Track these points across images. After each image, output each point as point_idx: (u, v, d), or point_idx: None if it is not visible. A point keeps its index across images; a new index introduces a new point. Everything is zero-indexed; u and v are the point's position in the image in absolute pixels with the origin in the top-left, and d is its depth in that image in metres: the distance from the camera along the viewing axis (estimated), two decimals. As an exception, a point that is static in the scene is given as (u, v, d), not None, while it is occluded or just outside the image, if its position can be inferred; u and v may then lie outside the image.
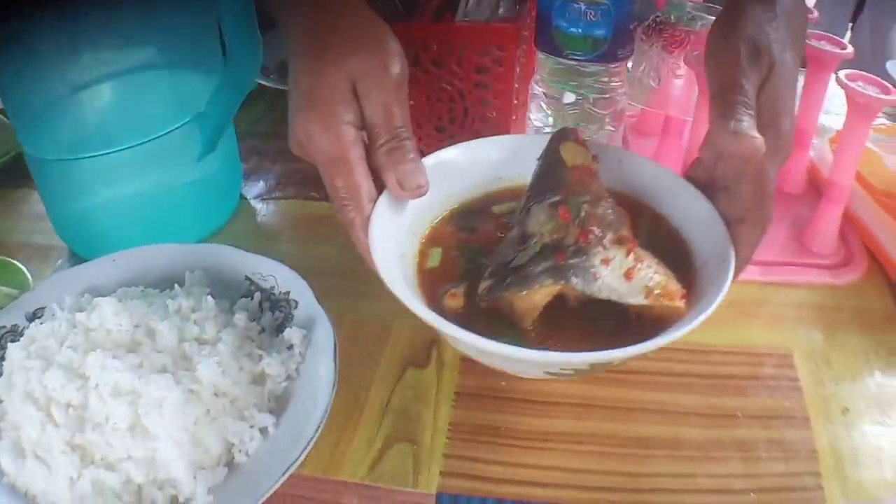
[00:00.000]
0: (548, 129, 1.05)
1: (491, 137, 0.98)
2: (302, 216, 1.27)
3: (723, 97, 0.78)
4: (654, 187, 0.94)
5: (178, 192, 1.13)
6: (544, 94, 1.04)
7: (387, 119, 0.81)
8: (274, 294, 0.99)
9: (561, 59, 1.00)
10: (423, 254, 0.90)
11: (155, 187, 1.11)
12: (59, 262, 1.19)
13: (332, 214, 0.89)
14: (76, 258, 1.17)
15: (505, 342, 0.72)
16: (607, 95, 1.02)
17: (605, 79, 1.01)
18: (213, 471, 0.82)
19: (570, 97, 1.02)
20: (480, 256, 0.89)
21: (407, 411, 0.92)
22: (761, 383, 0.94)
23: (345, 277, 1.01)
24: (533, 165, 0.92)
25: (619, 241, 0.80)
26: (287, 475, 0.79)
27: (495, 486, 0.84)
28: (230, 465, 0.84)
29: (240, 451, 0.83)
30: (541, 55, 1.03)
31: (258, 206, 1.29)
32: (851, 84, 1.00)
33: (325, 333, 0.92)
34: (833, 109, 1.41)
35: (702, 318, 0.72)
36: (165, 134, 1.07)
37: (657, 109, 1.24)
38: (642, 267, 0.78)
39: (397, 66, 0.82)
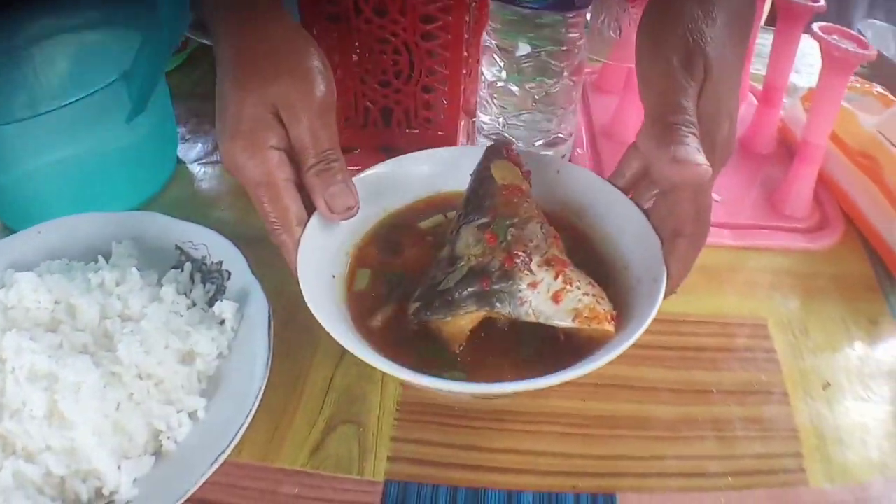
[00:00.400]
0: (500, 84, 0.96)
1: (425, 151, 0.92)
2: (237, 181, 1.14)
3: (660, 118, 0.69)
4: (591, 199, 0.87)
5: (109, 157, 1.02)
6: (497, 46, 0.94)
7: (314, 142, 0.77)
8: (205, 265, 0.89)
9: (515, 8, 0.90)
10: (353, 274, 0.84)
11: (84, 153, 0.99)
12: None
13: None
14: (6, 230, 1.05)
15: (431, 371, 0.70)
16: (565, 48, 0.92)
17: (563, 30, 0.91)
18: (139, 460, 0.73)
19: (525, 49, 0.91)
20: (408, 276, 0.83)
21: (351, 391, 0.83)
22: (735, 355, 0.87)
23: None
24: (466, 178, 0.86)
25: (547, 263, 0.74)
26: (218, 463, 0.70)
27: (447, 471, 0.76)
28: (158, 453, 0.75)
29: (168, 438, 0.74)
30: (493, 4, 0.92)
31: (196, 170, 1.18)
32: (827, 37, 0.91)
33: (259, 307, 0.82)
34: (804, 69, 1.33)
35: (629, 342, 0.68)
36: (91, 95, 0.94)
37: (618, 63, 1.15)
38: (571, 289, 0.73)
39: (322, 87, 0.77)
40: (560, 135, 0.99)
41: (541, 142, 0.99)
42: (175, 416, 0.75)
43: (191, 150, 1.21)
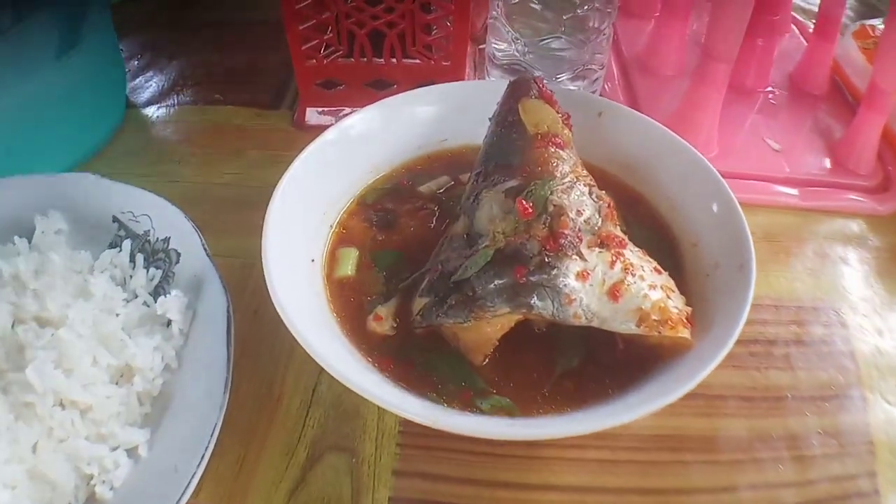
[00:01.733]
0: (516, 0, 0.71)
1: (425, 88, 0.68)
2: (203, 126, 0.88)
3: None
4: (646, 152, 0.64)
5: (38, 105, 0.76)
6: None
7: None
8: (149, 242, 0.64)
9: None
10: (333, 256, 0.61)
11: (8, 101, 0.74)
12: None
13: (241, 123, 0.69)
14: None
15: (447, 391, 0.52)
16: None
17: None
18: None
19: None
20: (407, 258, 0.60)
21: (340, 406, 0.60)
22: (811, 350, 0.65)
23: (256, 205, 0.61)
24: (484, 123, 0.62)
25: (601, 244, 0.54)
26: None
27: (467, 516, 0.55)
28: (90, 503, 0.53)
29: (102, 483, 0.53)
30: None
31: (149, 114, 0.90)
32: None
33: (216, 302, 0.59)
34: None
35: (714, 362, 0.49)
36: (11, 29, 0.69)
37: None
38: (633, 281, 0.52)
39: None
40: (592, 66, 0.75)
41: (566, 75, 0.75)
42: (109, 456, 0.53)
43: (143, 91, 0.94)
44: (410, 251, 0.60)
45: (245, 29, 1.02)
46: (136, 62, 0.98)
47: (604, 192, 0.55)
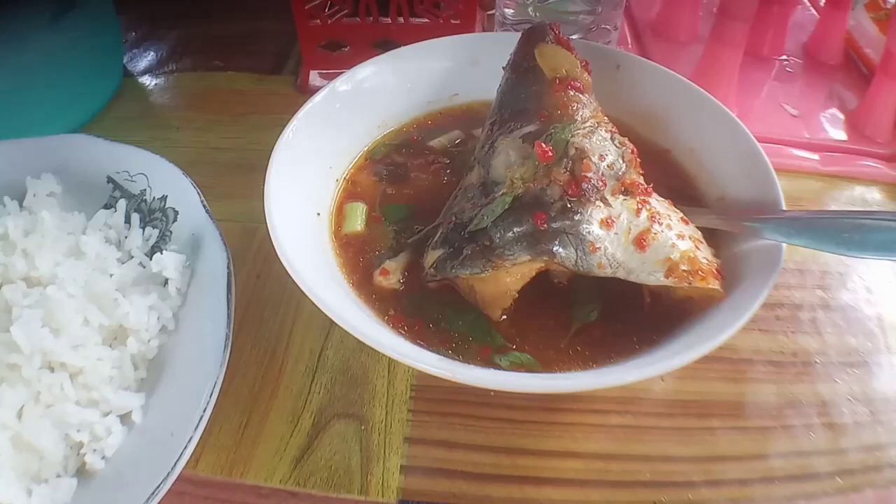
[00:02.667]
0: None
1: (434, 40, 0.62)
2: (203, 92, 0.82)
3: None
4: (667, 104, 0.59)
5: (33, 70, 0.69)
6: None
7: None
8: (145, 201, 0.58)
9: None
10: (340, 211, 0.55)
11: (1, 66, 0.68)
12: None
13: (242, 88, 0.65)
14: None
15: (463, 348, 0.46)
16: None
17: None
18: (56, 485, 0.47)
19: None
20: (418, 212, 0.55)
21: (348, 370, 0.54)
22: (838, 315, 0.59)
23: (259, 171, 0.55)
24: (497, 77, 0.57)
25: (625, 191, 0.48)
26: (165, 486, 0.44)
27: (484, 486, 0.48)
28: (81, 473, 0.48)
29: (93, 451, 0.47)
30: None
31: (147, 82, 0.84)
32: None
33: (215, 259, 0.53)
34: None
35: (748, 315, 0.43)
36: None
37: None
38: (660, 229, 0.47)
39: None
40: (606, 27, 0.69)
41: (577, 37, 0.69)
42: (101, 423, 0.47)
43: (141, 59, 0.87)
44: (421, 205, 0.55)
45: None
46: (135, 33, 0.91)
47: (626, 138, 0.50)
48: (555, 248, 0.45)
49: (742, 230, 0.49)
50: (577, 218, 0.45)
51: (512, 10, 0.70)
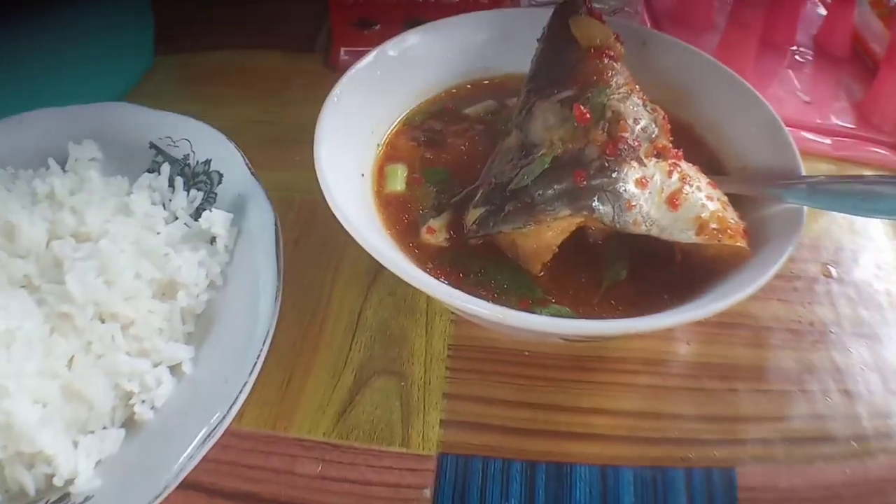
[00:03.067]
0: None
1: (469, 14, 0.63)
2: (235, 69, 0.82)
3: None
4: (691, 80, 0.60)
5: (72, 43, 0.70)
6: None
7: None
8: (188, 165, 0.58)
9: None
10: (381, 172, 0.56)
11: (37, 39, 0.68)
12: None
13: (274, 65, 0.65)
14: None
15: (505, 300, 0.47)
16: None
17: None
18: (103, 436, 0.47)
19: None
20: (455, 176, 0.57)
21: (387, 329, 0.55)
22: (851, 289, 0.60)
23: (293, 143, 0.58)
24: (528, 51, 0.58)
25: (658, 154, 0.50)
26: (215, 437, 0.44)
27: (521, 440, 0.49)
28: (128, 424, 0.48)
29: (142, 402, 0.47)
30: None
31: (179, 59, 0.83)
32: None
33: (262, 217, 0.53)
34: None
35: (775, 267, 0.45)
36: None
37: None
38: (691, 191, 0.49)
39: None
40: (627, 9, 0.70)
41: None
42: (151, 373, 0.47)
43: (172, 38, 0.84)
44: (458, 170, 0.56)
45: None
46: (166, 10, 0.88)
47: (656, 105, 0.51)
48: (594, 204, 0.46)
49: (764, 195, 0.50)
50: (614, 176, 0.46)
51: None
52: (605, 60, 0.51)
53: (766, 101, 0.56)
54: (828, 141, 0.72)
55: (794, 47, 0.81)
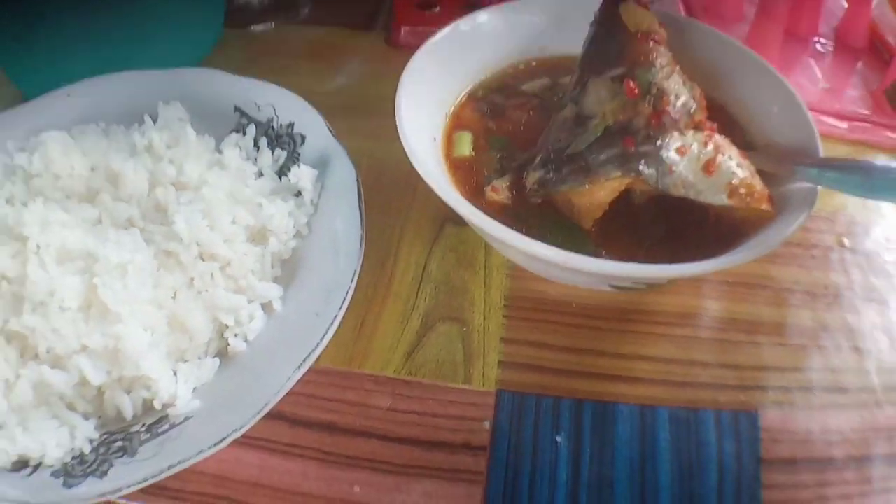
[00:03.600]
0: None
1: None
2: (301, 44, 0.85)
3: None
4: (725, 65, 0.64)
5: (150, 11, 0.72)
6: None
7: None
8: (273, 127, 0.63)
9: None
10: (449, 138, 0.61)
11: (119, 4, 0.69)
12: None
13: (337, 42, 0.67)
14: (20, 97, 0.73)
15: (564, 248, 0.50)
16: None
17: None
18: (200, 364, 0.50)
19: None
20: (515, 143, 0.62)
21: (450, 281, 0.60)
22: (863, 258, 0.64)
23: (359, 113, 0.65)
24: (580, 35, 0.62)
25: (696, 126, 0.55)
26: (304, 368, 0.48)
27: (570, 381, 0.54)
28: (221, 354, 0.52)
29: (235, 335, 0.51)
30: None
31: (248, 32, 0.86)
32: None
33: (343, 174, 0.58)
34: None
35: (795, 226, 0.50)
36: None
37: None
38: (724, 158, 0.53)
39: None
40: (664, 3, 0.74)
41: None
42: (246, 308, 0.51)
43: (238, 12, 0.87)
44: (517, 138, 0.60)
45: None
46: None
47: (695, 83, 0.56)
48: (640, 167, 0.51)
49: (786, 170, 0.55)
50: (658, 144, 0.51)
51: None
52: (651, 43, 0.56)
53: (791, 86, 0.59)
54: (844, 125, 0.75)
55: (816, 38, 0.84)
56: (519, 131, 0.61)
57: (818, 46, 0.84)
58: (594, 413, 0.53)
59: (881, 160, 0.65)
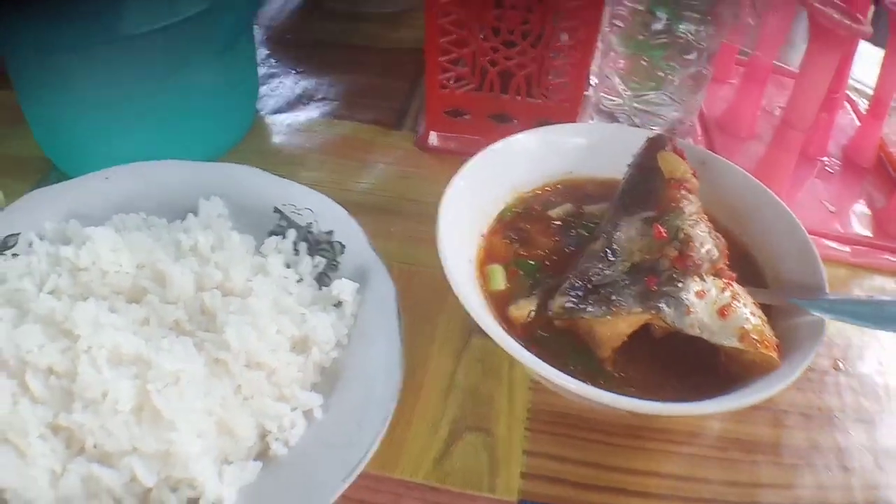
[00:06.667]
0: (622, 54, 0.79)
1: (563, 126, 0.76)
2: (329, 137, 0.91)
3: None
4: (742, 200, 0.72)
5: (189, 97, 0.78)
6: (634, 13, 0.76)
7: None
8: (311, 233, 0.68)
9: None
10: (483, 269, 0.67)
11: (161, 90, 0.75)
12: (39, 177, 0.83)
13: (366, 138, 0.70)
14: (59, 174, 0.81)
15: (578, 376, 0.57)
16: (711, 27, 0.75)
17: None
18: (244, 466, 0.55)
19: (665, 20, 0.75)
20: (542, 268, 0.68)
21: (477, 391, 0.66)
22: (855, 381, 0.72)
23: (388, 214, 0.72)
24: (610, 161, 0.70)
25: (716, 273, 0.62)
26: (352, 477, 0.52)
27: (587, 493, 0.60)
28: (262, 456, 0.57)
29: (276, 440, 0.56)
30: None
31: (277, 122, 0.92)
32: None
33: (383, 289, 0.63)
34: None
35: (798, 372, 0.56)
36: (179, 22, 0.70)
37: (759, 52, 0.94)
38: (739, 306, 0.60)
39: None
40: (686, 123, 0.83)
41: (658, 128, 0.82)
42: (289, 415, 0.57)
43: (270, 100, 0.95)
44: (545, 263, 0.68)
45: (371, 53, 1.05)
46: (263, 71, 0.99)
47: (719, 233, 0.64)
48: (660, 305, 0.58)
49: (793, 307, 0.62)
50: (679, 286, 0.59)
51: (610, 99, 0.83)
52: (682, 191, 0.64)
53: (803, 227, 0.67)
54: (847, 249, 0.84)
55: (825, 158, 0.93)
56: (546, 255, 0.68)
57: (826, 167, 0.93)
58: (609, 526, 0.59)
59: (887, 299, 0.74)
